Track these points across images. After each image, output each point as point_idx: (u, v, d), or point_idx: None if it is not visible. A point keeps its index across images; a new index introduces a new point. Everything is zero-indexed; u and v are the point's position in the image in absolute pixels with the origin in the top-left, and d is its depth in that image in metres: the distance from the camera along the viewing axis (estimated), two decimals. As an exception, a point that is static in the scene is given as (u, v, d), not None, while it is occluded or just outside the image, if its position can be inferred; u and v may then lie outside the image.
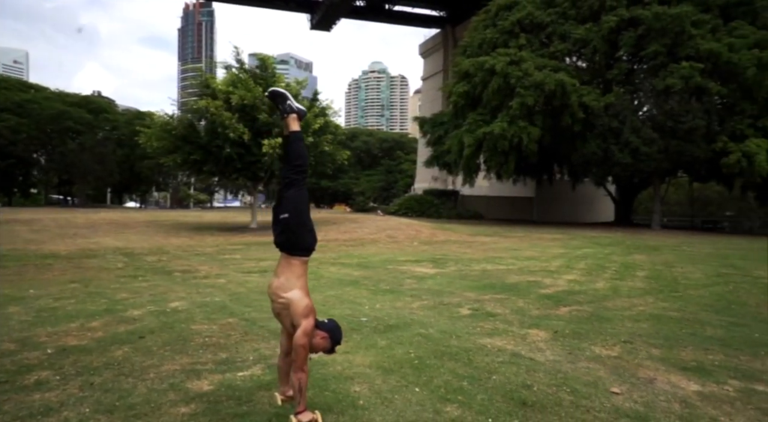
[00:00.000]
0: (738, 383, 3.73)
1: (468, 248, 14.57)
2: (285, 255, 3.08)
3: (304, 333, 2.91)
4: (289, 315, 2.99)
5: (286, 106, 3.15)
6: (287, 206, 3.03)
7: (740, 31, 22.68)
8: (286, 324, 3.04)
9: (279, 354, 3.26)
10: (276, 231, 3.12)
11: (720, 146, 21.31)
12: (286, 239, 3.03)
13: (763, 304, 6.94)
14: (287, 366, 3.26)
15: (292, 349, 2.93)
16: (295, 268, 3.05)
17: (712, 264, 11.48)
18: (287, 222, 3.01)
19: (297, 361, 2.89)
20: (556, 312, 6.15)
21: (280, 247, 3.09)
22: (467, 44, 28.80)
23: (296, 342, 2.90)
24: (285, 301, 2.97)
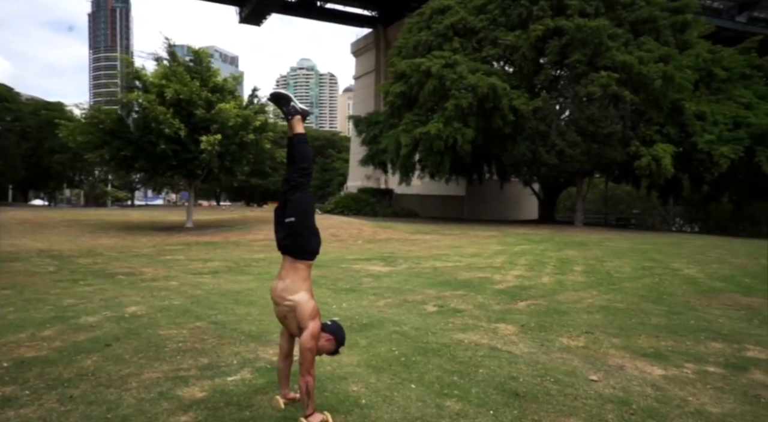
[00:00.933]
0: (693, 366, 4.18)
1: (412, 246, 14.87)
2: (290, 258, 3.08)
3: (311, 336, 2.93)
4: (295, 317, 2.99)
5: (291, 108, 3.14)
6: (294, 210, 3.02)
7: (647, 46, 24.81)
8: (292, 327, 3.04)
9: (278, 356, 3.25)
10: (280, 234, 3.10)
11: (633, 150, 23.22)
12: (292, 242, 3.03)
13: (688, 294, 7.71)
14: (288, 368, 3.26)
15: (300, 352, 2.94)
16: (301, 271, 3.06)
17: (635, 259, 12.51)
18: (294, 226, 3.00)
19: (305, 364, 2.91)
20: (516, 306, 6.49)
21: (285, 251, 3.08)
22: (402, 45, 29.22)
23: (304, 345, 2.91)
24: (291, 304, 2.98)
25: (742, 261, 12.77)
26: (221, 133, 16.25)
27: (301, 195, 3.05)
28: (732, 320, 5.95)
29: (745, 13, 46.02)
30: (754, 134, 23.87)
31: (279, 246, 3.12)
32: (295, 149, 3.12)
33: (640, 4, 26.15)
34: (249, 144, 17.28)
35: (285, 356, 3.22)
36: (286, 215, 3.02)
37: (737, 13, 45.46)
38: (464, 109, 23.41)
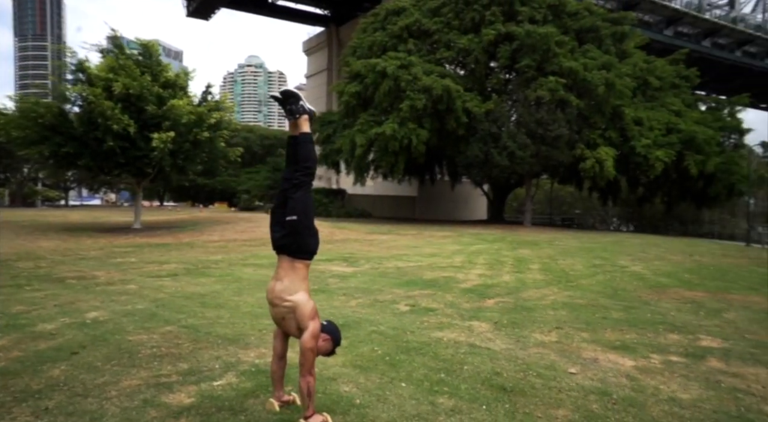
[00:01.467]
0: (658, 356, 4.45)
1: (370, 246, 14.91)
2: (287, 258, 3.03)
3: (312, 336, 2.91)
4: (294, 318, 2.95)
5: (299, 107, 3.11)
6: (295, 208, 2.99)
7: (591, 53, 26.05)
8: (291, 329, 3.00)
9: (272, 358, 3.19)
10: (278, 233, 3.06)
11: (579, 152, 24.34)
12: (292, 241, 2.99)
13: (639, 289, 8.18)
14: (282, 370, 3.22)
15: (300, 353, 2.90)
16: (299, 271, 3.03)
17: (585, 257, 13.12)
18: (296, 225, 2.97)
19: (305, 365, 2.88)
20: (485, 304, 6.67)
21: (283, 250, 3.03)
22: (357, 45, 29.21)
23: (304, 345, 2.88)
24: (291, 305, 2.94)
25: (678, 258, 13.67)
26: (174, 130, 15.63)
27: (303, 193, 3.03)
28: (682, 313, 6.38)
29: (671, 27, 49.17)
30: (684, 140, 25.62)
31: (275, 246, 3.07)
32: (301, 147, 3.09)
33: (584, 13, 27.42)
34: (203, 142, 16.73)
35: (279, 357, 3.17)
36: (287, 213, 2.98)
37: (665, 26, 48.46)
38: (419, 110, 23.69)
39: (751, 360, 4.42)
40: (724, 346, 4.84)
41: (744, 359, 4.45)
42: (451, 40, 25.94)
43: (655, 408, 3.32)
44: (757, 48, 55.74)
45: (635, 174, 28.15)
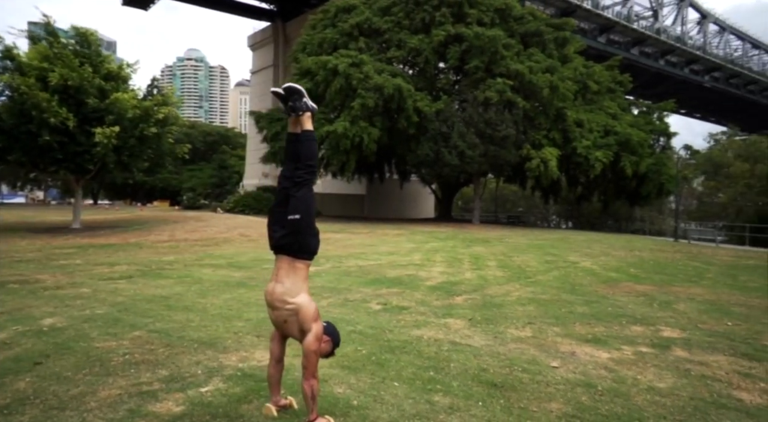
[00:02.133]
0: (629, 348, 4.70)
1: (326, 245, 14.74)
2: (288, 258, 2.95)
3: (315, 339, 2.86)
4: (297, 321, 2.88)
5: (302, 104, 3.04)
6: (298, 207, 2.92)
7: (536, 57, 27.03)
8: (292, 331, 2.92)
9: (270, 362, 3.10)
10: (278, 232, 2.97)
11: (525, 152, 25.21)
12: (294, 241, 2.91)
13: (593, 284, 8.59)
14: (279, 374, 3.14)
15: (304, 355, 2.84)
16: (300, 272, 2.96)
17: (536, 254, 13.61)
18: (298, 224, 2.90)
19: (309, 368, 2.82)
20: (454, 301, 6.79)
21: (284, 249, 2.94)
22: (306, 42, 28.83)
23: (309, 347, 2.83)
24: (294, 307, 2.87)
25: (621, 253, 14.45)
26: (118, 125, 14.76)
27: (306, 192, 2.97)
28: (638, 305, 6.76)
29: (604, 34, 51.97)
30: (620, 141, 27.11)
31: (275, 246, 2.97)
32: (304, 145, 3.03)
33: (528, 18, 28.40)
34: (150, 138, 15.92)
35: (276, 361, 3.08)
36: (289, 212, 2.90)
37: (598, 34, 51.13)
38: (370, 108, 23.71)
39: (709, 349, 4.75)
40: (683, 336, 5.17)
41: (703, 347, 4.78)
42: (402, 40, 26.14)
43: (638, 397, 3.50)
44: (677, 58, 60.06)
45: (575, 173, 29.52)
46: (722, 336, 5.21)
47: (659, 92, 54.10)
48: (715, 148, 40.93)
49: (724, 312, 6.54)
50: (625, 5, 54.66)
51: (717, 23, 67.40)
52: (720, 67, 65.03)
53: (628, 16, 53.55)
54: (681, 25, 61.82)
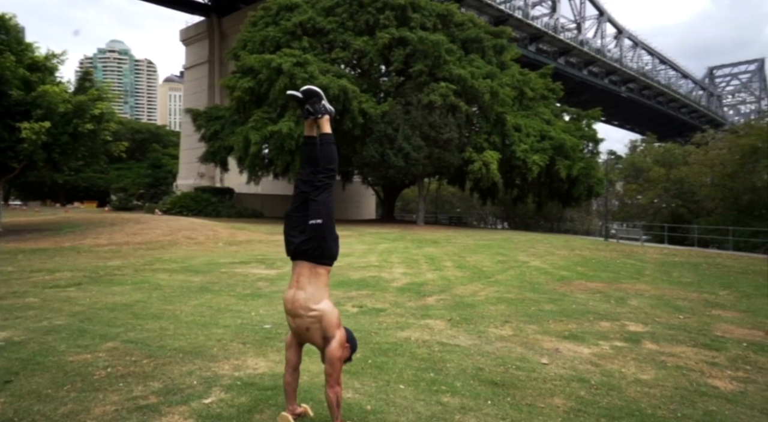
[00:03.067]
0: (605, 343, 4.98)
1: (277, 247, 14.47)
2: (309, 264, 2.89)
3: (340, 345, 2.84)
4: (320, 328, 2.83)
5: (321, 107, 3.00)
6: (321, 212, 2.87)
7: (477, 63, 27.93)
8: (315, 339, 2.86)
9: (286, 370, 3.02)
10: (298, 238, 2.91)
11: (467, 155, 25.95)
12: (316, 246, 2.86)
13: (550, 283, 9.00)
14: (296, 382, 3.08)
15: (328, 363, 2.81)
16: (323, 278, 2.91)
17: (486, 254, 14.05)
18: (321, 229, 2.85)
19: (333, 375, 2.80)
20: (427, 302, 6.88)
21: (304, 255, 2.88)
22: (247, 39, 28.08)
23: (333, 354, 2.80)
24: (318, 313, 2.82)
25: (564, 252, 15.23)
26: (48, 120, 13.61)
27: (327, 196, 2.92)
28: (597, 302, 7.17)
29: (534, 43, 54.62)
30: (555, 146, 28.54)
31: (295, 252, 2.90)
32: (324, 149, 2.98)
33: (468, 24, 29.27)
34: (84, 135, 14.80)
35: (293, 369, 3.01)
36: (311, 217, 2.84)
37: (529, 43, 53.64)
38: (316, 109, 23.46)
39: (674, 341, 5.14)
40: (647, 330, 5.55)
41: (668, 340, 5.16)
42: (347, 41, 26.09)
43: (630, 389, 3.73)
44: (598, 68, 64.34)
45: (513, 176, 30.72)
46: (680, 329, 5.65)
47: (583, 100, 57.47)
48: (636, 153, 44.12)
49: (672, 306, 7.08)
50: (552, 17, 57.77)
51: (631, 38, 72.95)
52: (634, 79, 70.35)
53: (555, 27, 56.63)
54: (600, 38, 66.30)
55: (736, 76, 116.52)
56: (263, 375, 3.86)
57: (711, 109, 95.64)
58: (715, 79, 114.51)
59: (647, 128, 75.03)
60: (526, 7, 52.96)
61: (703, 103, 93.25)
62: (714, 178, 31.06)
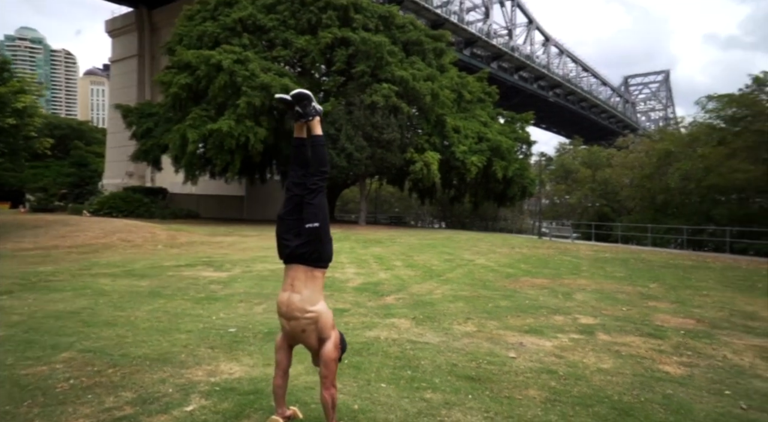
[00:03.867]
0: (563, 336, 5.28)
1: (221, 249, 14.06)
2: (305, 267, 2.89)
3: (335, 347, 2.88)
4: (316, 330, 2.85)
5: (311, 109, 2.98)
6: (317, 214, 2.87)
7: (417, 65, 28.39)
8: (310, 340, 2.87)
9: (276, 373, 3.00)
10: (293, 242, 2.90)
11: (409, 156, 26.34)
12: (313, 249, 2.87)
13: (499, 280, 9.37)
14: (286, 385, 3.07)
15: (323, 365, 2.83)
16: (319, 280, 2.93)
17: (432, 253, 14.35)
18: (318, 232, 2.86)
19: (329, 376, 2.82)
20: (387, 302, 6.97)
21: (301, 259, 2.87)
22: (183, 33, 26.94)
23: (329, 356, 2.83)
24: (314, 316, 2.83)
25: (504, 250, 15.86)
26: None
27: (322, 199, 2.93)
28: (547, 297, 7.55)
29: (468, 48, 56.40)
30: (492, 147, 29.60)
31: (290, 255, 2.88)
32: (316, 151, 2.97)
33: (409, 27, 29.69)
34: (5, 130, 13.59)
35: (284, 372, 2.99)
36: (308, 220, 2.83)
37: (464, 47, 55.31)
38: (257, 107, 23.00)
39: (622, 331, 5.53)
40: (598, 322, 5.94)
41: (617, 331, 5.55)
42: (288, 39, 25.70)
43: (595, 378, 3.99)
44: (528, 73, 67.47)
45: (451, 176, 31.52)
46: (625, 321, 6.08)
47: (514, 104, 59.94)
48: (565, 155, 46.64)
49: (613, 299, 7.60)
50: (485, 22, 59.86)
51: (557, 46, 77.00)
52: (560, 85, 74.40)
53: (488, 33, 58.74)
54: (530, 45, 69.52)
55: (647, 85, 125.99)
56: (240, 379, 3.78)
57: (627, 115, 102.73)
58: (629, 87, 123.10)
59: (573, 131, 79.60)
60: (461, 12, 54.56)
61: (619, 109, 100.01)
62: (633, 179, 33.42)
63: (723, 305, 7.56)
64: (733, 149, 24.13)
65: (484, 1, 60.44)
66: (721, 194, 27.44)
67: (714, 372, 4.29)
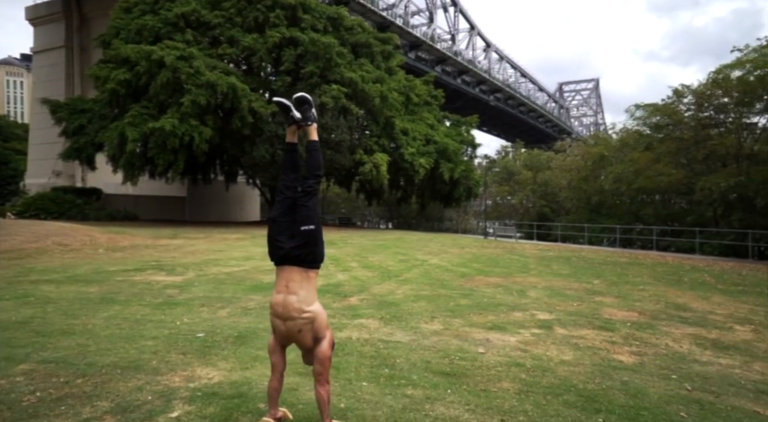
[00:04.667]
0: (525, 331, 5.56)
1: (170, 252, 13.57)
2: (300, 269, 2.94)
3: (330, 345, 2.98)
4: (312, 330, 2.93)
5: (311, 115, 3.04)
6: (312, 217, 2.94)
7: (366, 67, 28.58)
8: (305, 340, 2.94)
9: (272, 376, 3.03)
10: (288, 244, 2.94)
11: (358, 157, 26.44)
12: (308, 251, 2.93)
13: (455, 279, 9.66)
14: (281, 386, 3.11)
15: (319, 362, 2.91)
16: (313, 281, 3.00)
17: (386, 254, 14.53)
18: (313, 234, 2.92)
19: (324, 374, 2.91)
20: (351, 303, 7.04)
21: (296, 261, 2.92)
22: (120, 26, 25.67)
23: (324, 354, 2.92)
24: (311, 316, 2.91)
25: (455, 251, 16.29)
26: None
27: (315, 201, 3.00)
28: (503, 295, 7.89)
29: (413, 51, 57.32)
30: (439, 150, 30.26)
31: (284, 257, 2.91)
32: (312, 156, 3.04)
33: (358, 29, 29.82)
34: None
35: (280, 374, 3.04)
36: (303, 222, 2.89)
37: (409, 50, 56.15)
38: (202, 106, 22.34)
39: (577, 326, 5.90)
40: (554, 317, 6.29)
41: (573, 325, 5.92)
42: (234, 37, 25.16)
43: (559, 369, 4.27)
44: (470, 78, 69.45)
45: (398, 177, 31.90)
46: (578, 315, 6.48)
47: (457, 107, 61.48)
48: (508, 158, 48.41)
49: (563, 295, 8.05)
50: (429, 27, 61.04)
51: (497, 52, 79.70)
52: (500, 89, 77.08)
53: (433, 37, 59.92)
54: (472, 50, 71.57)
55: (579, 92, 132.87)
56: (221, 384, 3.76)
57: (562, 120, 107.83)
58: (563, 94, 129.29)
59: (513, 135, 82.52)
60: (406, 15, 55.34)
61: (555, 114, 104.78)
62: (571, 181, 35.21)
63: (658, 298, 8.19)
64: (658, 154, 26.02)
65: (428, 6, 61.64)
66: (648, 195, 29.49)
67: (661, 359, 4.69)
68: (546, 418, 3.25)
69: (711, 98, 24.05)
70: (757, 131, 23.98)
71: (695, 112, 25.10)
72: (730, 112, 23.80)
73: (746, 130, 23.95)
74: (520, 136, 75.83)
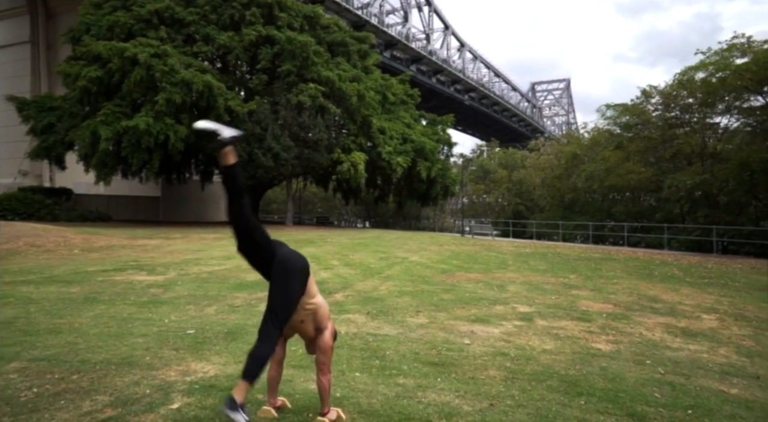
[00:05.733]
0: (507, 323, 5.77)
1: (147, 252, 13.42)
2: None
3: (331, 335, 3.13)
4: (314, 320, 3.08)
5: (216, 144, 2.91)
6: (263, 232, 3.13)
7: (343, 66, 28.63)
8: (308, 330, 3.08)
9: (271, 365, 3.14)
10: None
11: (336, 156, 26.49)
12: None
13: (436, 275, 9.86)
14: (280, 376, 3.24)
15: (321, 352, 3.04)
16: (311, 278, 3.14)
17: (366, 252, 14.64)
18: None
19: (326, 363, 3.05)
20: (337, 299, 7.15)
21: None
22: (91, 23, 25.11)
23: (326, 344, 3.06)
24: (313, 307, 3.06)
25: (434, 248, 16.52)
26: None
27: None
28: (484, 290, 8.11)
29: (389, 50, 57.56)
30: (416, 148, 30.53)
31: None
32: (239, 178, 2.99)
33: (334, 28, 29.84)
34: None
35: (278, 363, 3.17)
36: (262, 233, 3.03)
37: (384, 49, 56.36)
38: (177, 104, 22.09)
39: (557, 317, 6.15)
40: (534, 310, 6.53)
41: (552, 316, 6.16)
42: (210, 35, 24.91)
43: (542, 357, 4.48)
44: (445, 77, 70.10)
45: (375, 176, 32.07)
46: (557, 308, 6.74)
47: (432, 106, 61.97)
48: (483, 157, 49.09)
49: (541, 289, 8.32)
50: (404, 26, 61.39)
51: (471, 52, 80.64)
52: (475, 89, 77.99)
53: (408, 37, 60.27)
54: (446, 49, 72.23)
55: (551, 91, 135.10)
56: (217, 377, 3.84)
57: (535, 119, 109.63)
58: (536, 93, 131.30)
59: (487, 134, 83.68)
60: (381, 14, 55.54)
61: (528, 113, 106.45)
62: (545, 179, 35.96)
63: (631, 291, 8.54)
64: (628, 153, 26.83)
65: (403, 5, 61.99)
66: (619, 193, 30.36)
67: (635, 347, 4.95)
68: (532, 401, 3.44)
69: (677, 99, 24.93)
70: (719, 131, 24.95)
71: (662, 112, 25.98)
72: (695, 113, 24.71)
73: (710, 130, 24.90)
74: (494, 135, 76.89)
